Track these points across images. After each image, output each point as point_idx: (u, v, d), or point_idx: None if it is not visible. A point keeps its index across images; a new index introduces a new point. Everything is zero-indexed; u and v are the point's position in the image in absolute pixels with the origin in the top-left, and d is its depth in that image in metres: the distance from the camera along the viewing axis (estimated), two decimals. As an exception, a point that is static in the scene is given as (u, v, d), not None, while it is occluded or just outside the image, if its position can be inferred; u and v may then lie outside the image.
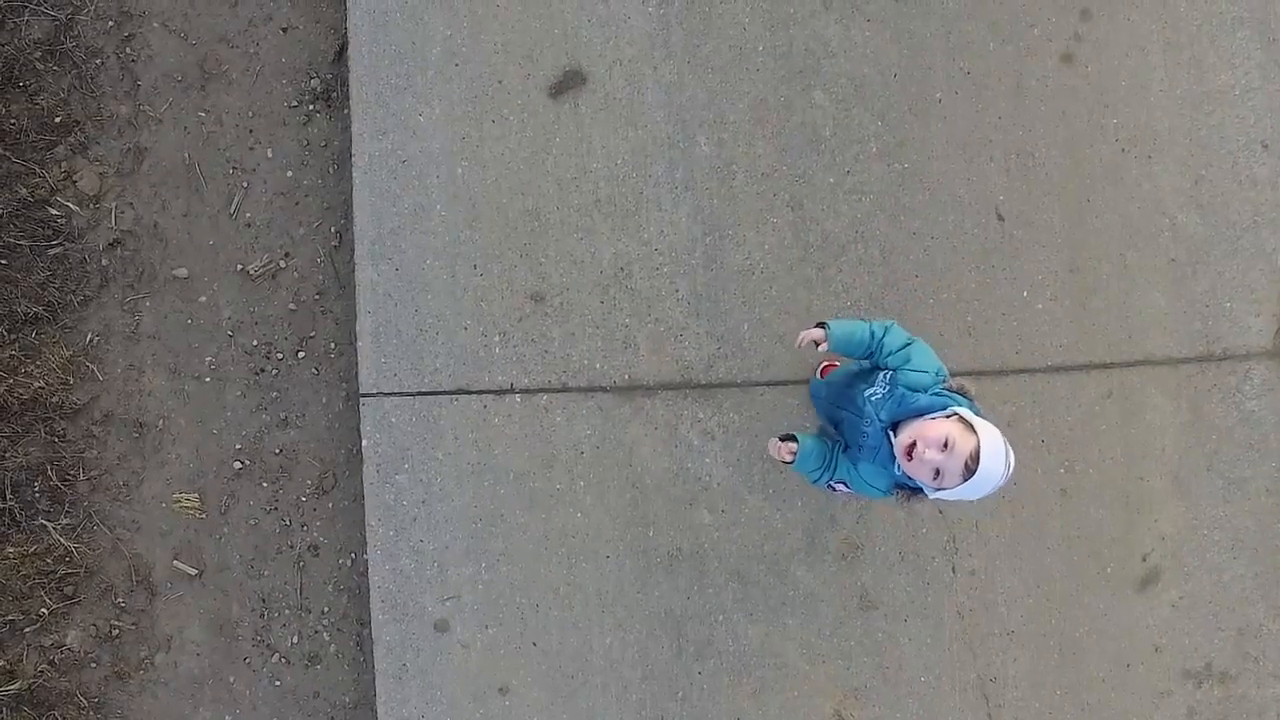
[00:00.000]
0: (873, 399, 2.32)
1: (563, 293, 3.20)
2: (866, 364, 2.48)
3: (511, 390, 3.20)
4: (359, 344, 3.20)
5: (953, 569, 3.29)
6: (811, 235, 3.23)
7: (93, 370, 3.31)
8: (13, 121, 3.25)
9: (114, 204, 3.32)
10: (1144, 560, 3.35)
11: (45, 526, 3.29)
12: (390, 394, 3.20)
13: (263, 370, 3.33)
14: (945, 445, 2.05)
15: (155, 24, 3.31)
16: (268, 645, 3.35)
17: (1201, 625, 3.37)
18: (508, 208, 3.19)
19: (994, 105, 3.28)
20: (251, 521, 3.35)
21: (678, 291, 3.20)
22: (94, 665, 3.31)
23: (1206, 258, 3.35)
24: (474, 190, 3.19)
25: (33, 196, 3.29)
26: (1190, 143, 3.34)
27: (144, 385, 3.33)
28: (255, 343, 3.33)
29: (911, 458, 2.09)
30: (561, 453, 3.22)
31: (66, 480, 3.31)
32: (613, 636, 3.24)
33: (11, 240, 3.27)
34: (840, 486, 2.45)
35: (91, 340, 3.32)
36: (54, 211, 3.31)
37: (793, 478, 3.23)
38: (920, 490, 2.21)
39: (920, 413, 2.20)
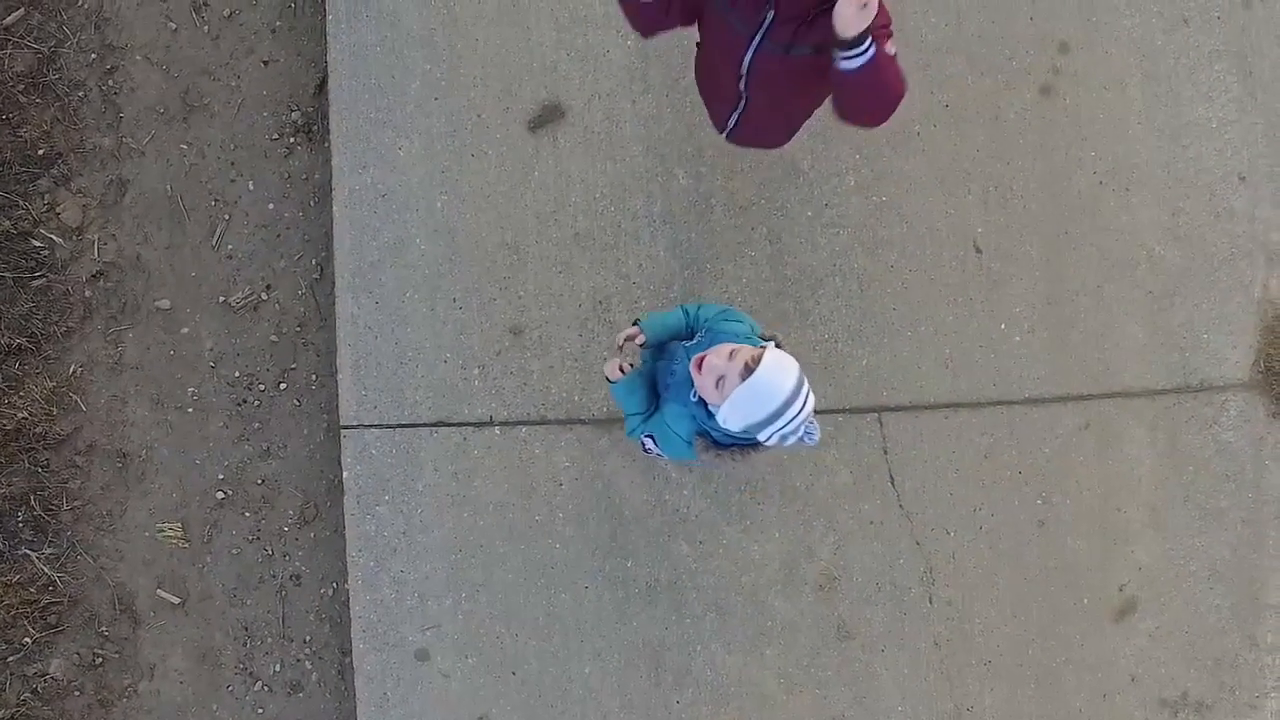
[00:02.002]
0: (687, 346, 2.36)
1: (541, 326, 3.22)
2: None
3: (491, 423, 3.22)
4: (339, 376, 3.22)
5: (930, 599, 3.31)
6: (789, 268, 3.24)
7: (76, 401, 3.34)
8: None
9: (97, 236, 3.34)
10: (1121, 590, 3.37)
11: (29, 556, 3.32)
12: (371, 426, 3.22)
13: (245, 401, 3.35)
14: (731, 355, 2.01)
15: (137, 57, 3.33)
16: (250, 673, 3.38)
17: (1178, 655, 3.39)
18: (487, 241, 3.21)
19: (972, 138, 3.30)
20: (234, 551, 3.37)
21: (656, 325, 3.22)
22: (77, 693, 3.34)
23: (1184, 290, 3.36)
24: (453, 224, 3.21)
25: (15, 228, 3.31)
26: (1168, 175, 3.35)
27: (127, 416, 3.36)
28: (237, 374, 3.35)
29: (701, 368, 2.05)
30: (540, 484, 3.24)
31: (50, 510, 3.33)
32: (592, 666, 3.26)
33: (-5, 272, 3.30)
34: (649, 442, 2.44)
35: (75, 371, 3.34)
36: (37, 243, 3.33)
37: (771, 509, 3.25)
38: (720, 443, 2.17)
39: None
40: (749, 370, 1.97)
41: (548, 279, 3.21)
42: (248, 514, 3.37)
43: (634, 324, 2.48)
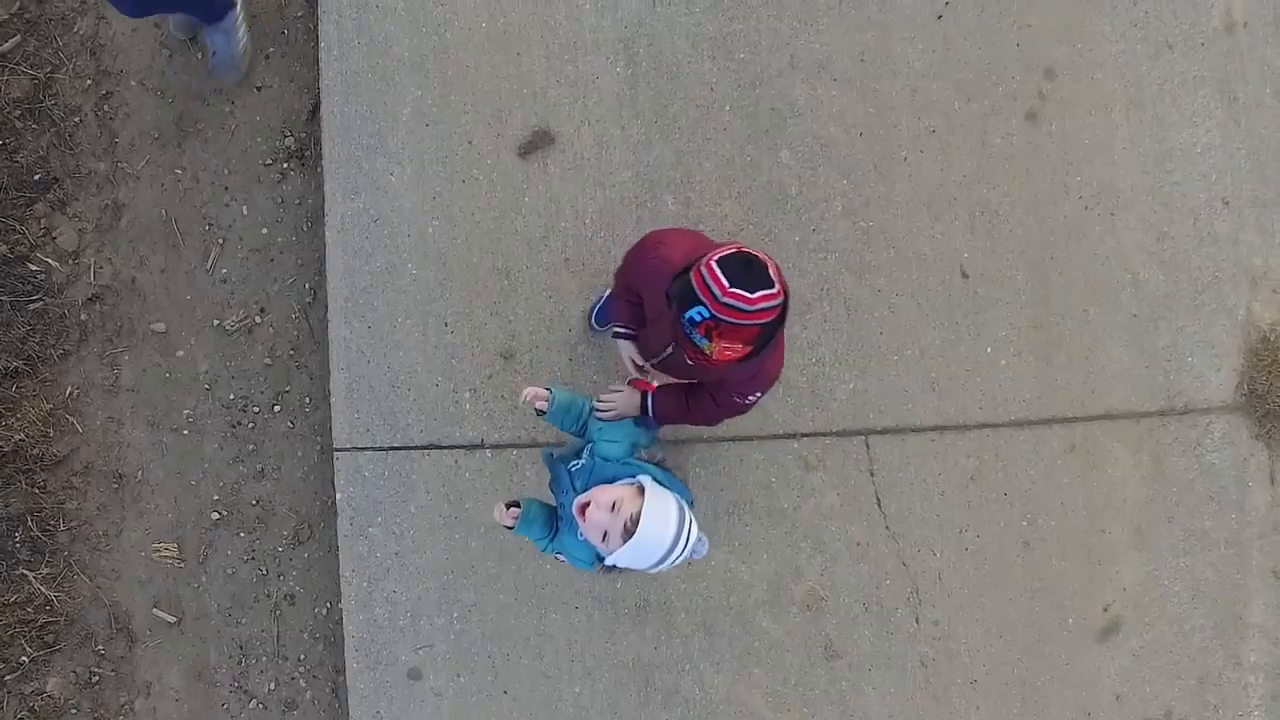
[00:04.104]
0: (572, 469, 2.39)
1: (532, 350, 3.25)
2: (577, 443, 2.54)
3: (482, 445, 3.26)
4: (332, 399, 3.26)
5: (916, 619, 3.35)
6: (777, 293, 3.27)
7: (73, 423, 3.38)
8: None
9: (93, 260, 3.38)
10: (1105, 610, 3.41)
11: (26, 576, 3.36)
12: (363, 449, 3.26)
13: (239, 423, 3.39)
14: (613, 507, 2.06)
15: (133, 82, 3.36)
16: (245, 691, 3.42)
17: (1162, 674, 3.43)
18: (478, 266, 3.25)
19: (959, 163, 3.33)
20: (229, 571, 3.41)
21: (645, 349, 3.25)
22: (74, 711, 3.39)
23: (1168, 313, 3.40)
24: (445, 249, 3.25)
25: (12, 253, 3.35)
26: (1152, 200, 3.38)
27: (123, 437, 3.40)
28: (232, 396, 3.39)
29: (585, 518, 2.12)
30: (531, 506, 3.27)
31: (47, 530, 3.37)
32: (582, 685, 3.30)
33: (-8, 296, 3.34)
34: (561, 556, 2.48)
35: (71, 393, 3.38)
36: (34, 267, 3.37)
37: (758, 531, 3.29)
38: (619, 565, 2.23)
39: (611, 480, 2.24)
40: (629, 532, 2.04)
41: (538, 303, 3.25)
42: (242, 534, 3.41)
43: (546, 389, 2.50)
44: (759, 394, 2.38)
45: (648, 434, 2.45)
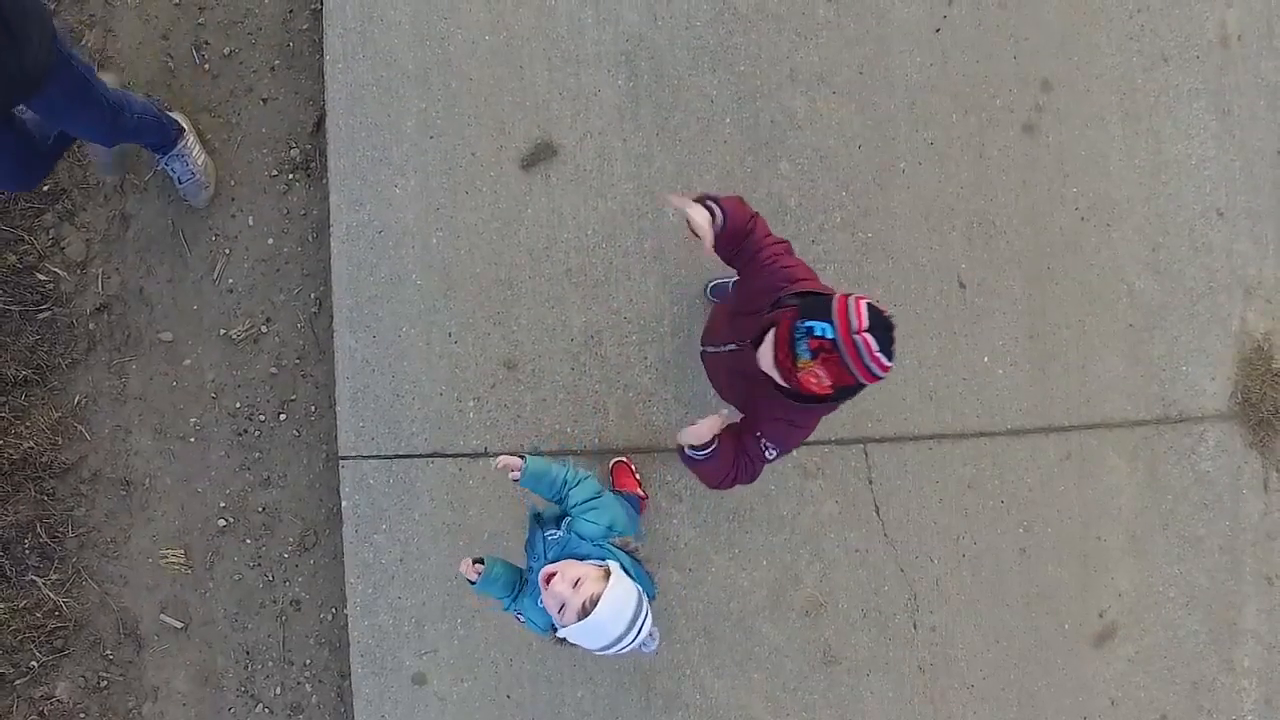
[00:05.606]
0: (549, 538, 2.45)
1: (534, 360, 3.29)
2: (558, 509, 2.57)
3: (485, 454, 3.30)
4: (338, 408, 3.30)
5: (914, 625, 3.39)
6: (777, 303, 3.31)
7: (81, 431, 3.42)
8: (1, 191, 3.35)
9: (100, 269, 3.42)
10: (1101, 616, 3.45)
11: (35, 582, 3.40)
12: (368, 457, 3.30)
13: (245, 431, 3.43)
14: (576, 583, 2.14)
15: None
16: (252, 696, 3.46)
17: (1156, 679, 3.48)
18: (481, 277, 3.29)
19: (956, 175, 3.36)
20: (236, 576, 3.45)
21: (646, 359, 3.29)
22: (83, 716, 3.43)
23: (1163, 322, 3.44)
24: (448, 260, 3.28)
25: (21, 263, 3.39)
26: (1148, 211, 3.42)
27: (131, 445, 3.44)
28: (238, 405, 3.43)
29: (547, 587, 2.19)
30: (534, 514, 3.31)
31: (56, 537, 3.42)
32: (584, 690, 3.35)
33: (1, 305, 3.37)
34: (521, 618, 2.54)
35: (80, 402, 3.42)
36: (42, 277, 3.41)
37: (758, 537, 3.33)
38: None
39: (583, 558, 2.31)
40: (585, 611, 2.12)
41: (540, 314, 3.29)
42: (249, 541, 3.45)
43: (520, 457, 2.54)
44: (776, 451, 2.45)
45: (630, 522, 2.52)
